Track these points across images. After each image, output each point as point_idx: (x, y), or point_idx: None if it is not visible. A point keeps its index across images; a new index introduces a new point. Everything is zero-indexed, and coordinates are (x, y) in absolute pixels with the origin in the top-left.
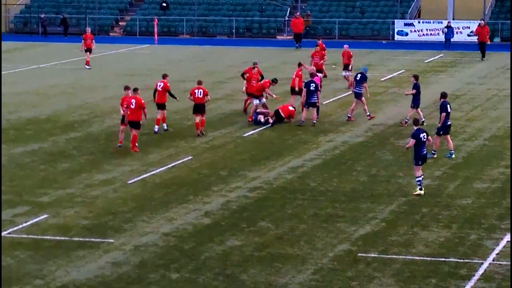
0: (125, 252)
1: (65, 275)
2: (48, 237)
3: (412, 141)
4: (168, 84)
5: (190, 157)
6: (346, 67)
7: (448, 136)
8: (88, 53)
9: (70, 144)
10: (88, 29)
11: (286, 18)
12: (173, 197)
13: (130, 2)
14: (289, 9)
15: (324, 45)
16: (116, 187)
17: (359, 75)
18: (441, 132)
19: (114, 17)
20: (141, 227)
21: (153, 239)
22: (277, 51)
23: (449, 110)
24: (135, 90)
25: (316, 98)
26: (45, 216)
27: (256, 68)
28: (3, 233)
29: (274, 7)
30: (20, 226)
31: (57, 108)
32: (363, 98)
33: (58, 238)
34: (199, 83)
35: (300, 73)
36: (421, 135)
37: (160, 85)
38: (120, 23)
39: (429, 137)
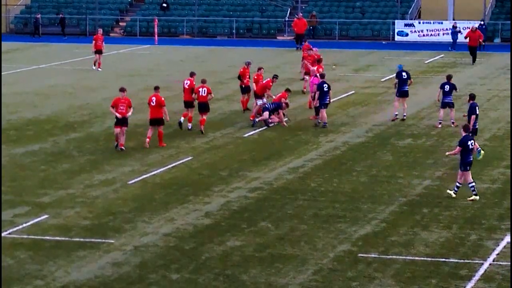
0: (125, 252)
1: (65, 276)
2: (48, 238)
3: (458, 149)
4: (194, 83)
5: (190, 158)
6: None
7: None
8: (98, 54)
9: (70, 145)
10: (100, 30)
11: (287, 19)
12: (174, 197)
13: (131, 2)
14: (289, 9)
15: (310, 46)
16: (116, 187)
17: (404, 74)
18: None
19: (114, 17)
20: (142, 227)
21: (153, 240)
22: (277, 51)
23: (477, 112)
24: (156, 88)
25: (328, 99)
26: (46, 216)
27: (261, 70)
28: (4, 233)
29: (274, 7)
30: (21, 226)
31: (57, 108)
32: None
33: (58, 238)
34: (203, 81)
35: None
36: (469, 142)
37: (187, 83)
38: (121, 24)
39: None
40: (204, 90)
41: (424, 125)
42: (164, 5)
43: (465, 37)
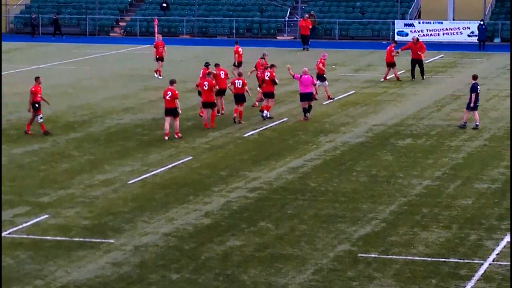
0: (125, 252)
1: (65, 275)
2: (48, 238)
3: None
4: (274, 74)
5: (190, 157)
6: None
7: None
8: (160, 62)
9: (70, 145)
10: (159, 36)
11: (287, 19)
12: (173, 197)
13: (130, 2)
14: (289, 9)
15: (239, 48)
16: (116, 187)
17: None
18: None
19: (114, 17)
20: (141, 227)
21: (153, 240)
22: (277, 51)
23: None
24: (210, 74)
25: (478, 102)
26: (46, 216)
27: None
28: (3, 233)
29: (274, 7)
30: (21, 226)
31: (57, 108)
32: None
33: (58, 238)
34: (240, 74)
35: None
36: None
37: (267, 75)
38: (120, 24)
39: None
40: (240, 82)
41: (424, 125)
42: (164, 5)
43: (403, 49)
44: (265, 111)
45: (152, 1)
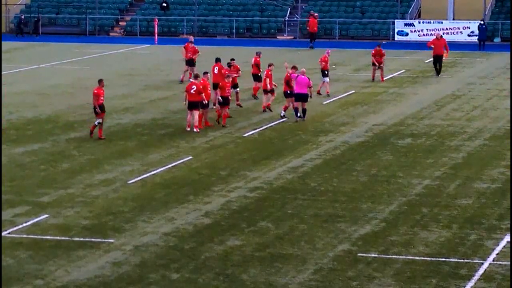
0: (125, 252)
1: (65, 275)
2: (48, 237)
3: None
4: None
5: (190, 157)
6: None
7: None
8: (188, 66)
9: (70, 144)
10: (190, 37)
11: (287, 18)
12: (173, 197)
13: (131, 2)
14: (289, 9)
15: (196, 48)
16: (116, 187)
17: None
18: None
19: (114, 17)
20: (141, 227)
21: (153, 239)
22: (277, 51)
23: None
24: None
25: None
26: (45, 216)
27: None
28: (3, 233)
29: (274, 7)
30: (20, 226)
31: (57, 108)
32: None
33: (58, 238)
34: (270, 65)
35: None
36: None
37: (297, 77)
38: (120, 23)
39: None
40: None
41: (424, 124)
42: (164, 4)
43: (428, 46)
44: (283, 111)
45: (152, 1)
